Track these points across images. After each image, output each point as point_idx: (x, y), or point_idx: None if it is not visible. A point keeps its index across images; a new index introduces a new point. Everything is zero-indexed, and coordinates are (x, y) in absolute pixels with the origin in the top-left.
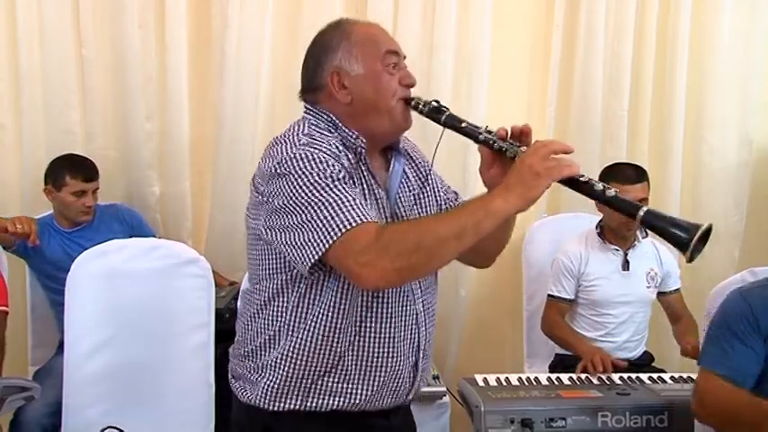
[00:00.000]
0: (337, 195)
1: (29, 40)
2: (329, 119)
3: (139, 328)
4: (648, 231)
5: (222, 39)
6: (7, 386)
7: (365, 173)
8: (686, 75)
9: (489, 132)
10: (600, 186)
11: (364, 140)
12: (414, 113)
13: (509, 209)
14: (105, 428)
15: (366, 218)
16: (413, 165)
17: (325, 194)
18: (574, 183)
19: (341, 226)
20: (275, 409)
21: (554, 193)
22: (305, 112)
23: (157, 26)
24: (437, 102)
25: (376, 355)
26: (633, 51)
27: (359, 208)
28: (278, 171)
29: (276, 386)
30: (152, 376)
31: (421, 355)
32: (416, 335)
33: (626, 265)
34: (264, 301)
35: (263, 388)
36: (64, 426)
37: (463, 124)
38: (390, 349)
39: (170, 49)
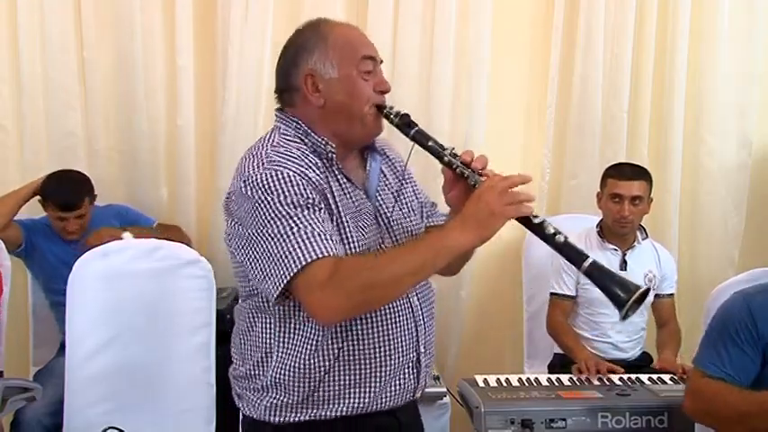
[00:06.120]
0: (298, 226)
1: (30, 42)
2: (299, 126)
3: (141, 329)
4: (648, 233)
5: (225, 41)
6: (9, 387)
7: (338, 176)
8: (685, 76)
9: (454, 156)
10: (551, 230)
11: (334, 146)
12: None
13: (464, 245)
14: (106, 429)
15: (325, 251)
16: (389, 162)
17: (285, 224)
18: (528, 222)
19: (297, 262)
20: (279, 422)
21: (554, 194)
22: (276, 120)
23: (160, 28)
24: (408, 116)
25: (372, 356)
26: (632, 53)
27: (318, 240)
28: (244, 192)
29: (277, 404)
30: (153, 377)
31: (422, 350)
32: (414, 330)
33: (623, 265)
34: (252, 317)
35: (266, 406)
36: (65, 426)
37: (429, 142)
38: (387, 349)
39: (178, 53)
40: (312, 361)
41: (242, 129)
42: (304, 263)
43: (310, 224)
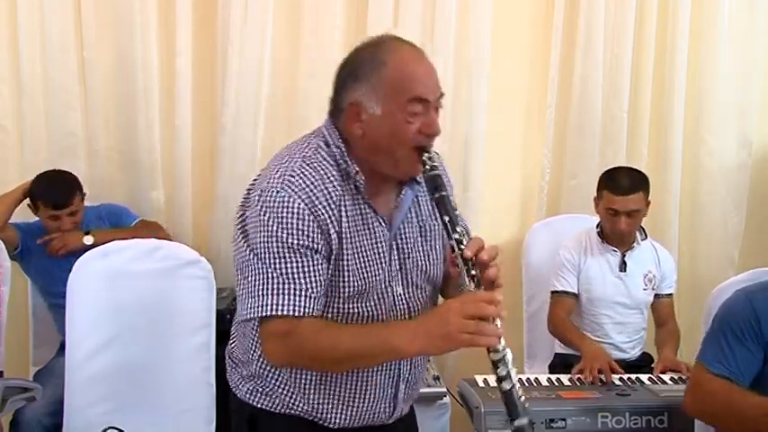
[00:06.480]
0: (280, 271)
1: (30, 42)
2: (339, 144)
3: (140, 329)
4: (647, 233)
5: (225, 42)
6: (9, 387)
7: (362, 205)
8: (685, 76)
9: (459, 243)
10: (503, 372)
11: (363, 179)
12: None
13: (408, 353)
14: (106, 429)
15: (292, 310)
16: None
17: (272, 263)
18: (488, 354)
19: (264, 309)
20: (259, 407)
21: (554, 194)
22: (324, 125)
23: (160, 29)
24: (439, 176)
25: (348, 389)
26: (632, 53)
27: (293, 295)
28: (257, 203)
29: (259, 392)
30: (153, 377)
31: (402, 387)
32: (397, 367)
33: (623, 266)
34: None
35: (249, 389)
36: (65, 426)
37: (445, 217)
38: (364, 383)
39: (177, 53)
40: (291, 376)
41: (241, 129)
42: (269, 314)
43: (295, 272)
